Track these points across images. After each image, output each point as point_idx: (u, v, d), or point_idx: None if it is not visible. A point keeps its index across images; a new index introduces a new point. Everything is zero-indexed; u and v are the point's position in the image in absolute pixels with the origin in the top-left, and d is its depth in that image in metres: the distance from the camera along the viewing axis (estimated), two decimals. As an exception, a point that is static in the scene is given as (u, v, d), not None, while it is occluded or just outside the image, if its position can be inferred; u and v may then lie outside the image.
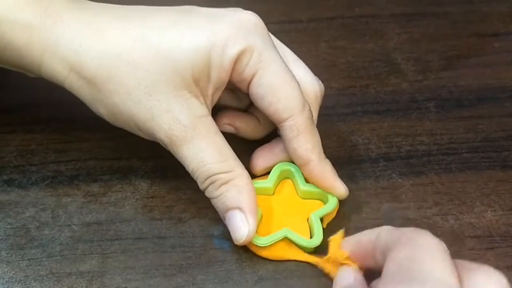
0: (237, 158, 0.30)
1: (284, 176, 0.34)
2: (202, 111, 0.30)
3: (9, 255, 0.31)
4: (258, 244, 0.30)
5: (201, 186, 0.30)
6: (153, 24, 0.29)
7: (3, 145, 0.36)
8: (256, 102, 0.31)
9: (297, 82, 0.31)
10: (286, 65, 0.31)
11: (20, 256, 0.31)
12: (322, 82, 0.41)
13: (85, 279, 0.30)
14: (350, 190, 0.34)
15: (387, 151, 0.36)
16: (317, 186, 0.32)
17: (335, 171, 0.32)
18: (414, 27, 0.45)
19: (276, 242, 0.30)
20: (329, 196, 0.32)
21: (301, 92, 0.31)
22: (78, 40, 0.29)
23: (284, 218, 0.32)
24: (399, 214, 0.33)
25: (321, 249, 0.30)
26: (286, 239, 0.31)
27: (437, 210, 0.33)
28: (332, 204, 0.32)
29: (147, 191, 0.34)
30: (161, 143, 0.30)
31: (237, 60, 0.29)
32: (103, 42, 0.29)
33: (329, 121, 0.38)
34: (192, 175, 0.30)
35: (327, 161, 0.32)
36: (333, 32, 0.45)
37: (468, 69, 0.42)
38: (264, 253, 0.31)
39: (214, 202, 0.30)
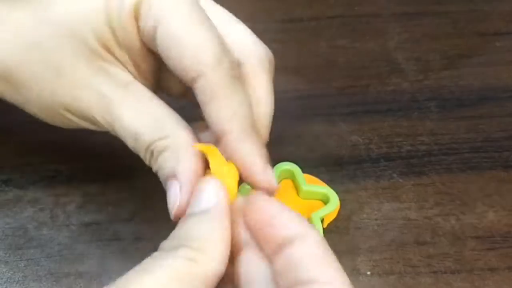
0: (179, 123, 0.25)
1: (285, 177, 0.34)
2: (124, 78, 0.26)
3: (7, 255, 0.31)
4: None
5: (145, 161, 0.26)
6: None
7: (1, 144, 0.36)
8: (165, 62, 0.25)
9: (214, 32, 0.24)
10: (202, 12, 0.25)
11: (19, 256, 0.31)
12: (323, 82, 0.41)
13: (83, 279, 0.30)
14: (350, 190, 0.34)
15: (388, 151, 0.36)
16: (239, 169, 0.24)
17: (264, 152, 0.24)
18: (415, 26, 0.45)
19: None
20: (330, 197, 0.32)
21: (220, 44, 0.24)
22: None
23: (284, 218, 0.32)
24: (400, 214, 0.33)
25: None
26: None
27: (438, 211, 0.33)
28: (333, 205, 0.32)
29: (145, 191, 0.34)
30: (103, 129, 0.27)
31: (135, 12, 0.25)
32: (3, 30, 0.26)
33: (330, 121, 0.38)
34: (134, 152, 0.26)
35: (255, 137, 0.24)
36: (333, 32, 0.44)
37: (469, 68, 0.42)
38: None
39: (158, 176, 0.26)
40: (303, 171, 0.33)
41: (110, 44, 0.25)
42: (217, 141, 0.24)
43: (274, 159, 0.34)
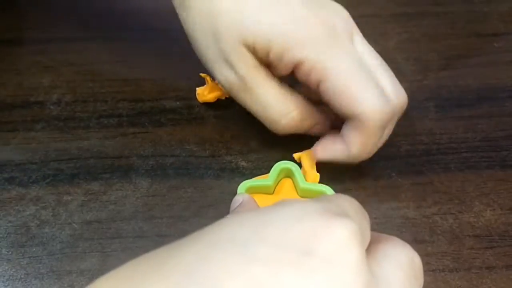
0: (300, 98, 0.31)
1: (284, 175, 0.34)
2: (257, 63, 0.30)
3: (10, 253, 0.31)
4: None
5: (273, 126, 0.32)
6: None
7: (4, 143, 0.36)
8: (324, 101, 0.31)
9: (370, 83, 0.29)
10: (359, 66, 0.30)
11: (21, 254, 0.31)
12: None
13: (85, 277, 0.30)
14: (349, 189, 0.34)
15: (387, 150, 0.36)
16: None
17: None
18: (414, 26, 0.45)
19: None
20: (329, 194, 0.32)
21: (380, 95, 0.29)
22: None
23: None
24: (398, 213, 0.33)
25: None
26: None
27: (437, 210, 0.33)
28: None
29: (147, 190, 0.34)
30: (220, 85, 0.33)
31: (295, 66, 0.30)
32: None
33: (329, 120, 0.38)
34: (257, 117, 0.32)
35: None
36: (333, 32, 0.45)
37: (468, 68, 0.42)
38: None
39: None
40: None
41: (261, 54, 0.30)
42: None
43: (274, 158, 0.35)
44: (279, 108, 0.31)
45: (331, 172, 0.35)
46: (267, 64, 0.31)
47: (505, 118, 0.39)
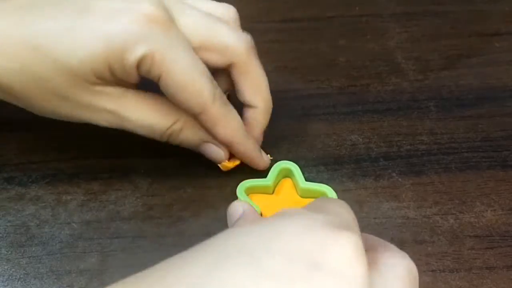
0: (177, 107, 0.31)
1: (284, 175, 0.34)
2: (119, 91, 0.30)
3: (9, 252, 0.31)
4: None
5: (161, 140, 0.32)
6: (48, 31, 0.28)
7: (4, 143, 0.36)
8: (169, 99, 0.30)
9: (206, 73, 0.30)
10: (193, 58, 0.29)
11: (20, 254, 0.31)
12: (323, 81, 0.41)
13: (85, 277, 0.30)
14: (350, 189, 0.34)
15: (388, 150, 0.36)
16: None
17: (256, 145, 0.33)
18: (415, 26, 0.45)
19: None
20: (329, 195, 0.32)
21: (211, 81, 0.30)
22: None
23: (284, 217, 0.32)
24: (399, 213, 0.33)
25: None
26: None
27: (437, 210, 0.33)
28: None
29: (147, 190, 0.34)
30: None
31: (138, 64, 0.28)
32: (4, 57, 0.28)
33: (330, 120, 0.38)
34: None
35: (250, 136, 0.33)
36: (333, 31, 0.45)
37: (468, 68, 0.42)
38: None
39: (183, 145, 0.33)
40: (303, 170, 0.33)
41: (108, 79, 0.29)
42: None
43: (274, 158, 0.35)
44: (161, 124, 0.31)
45: (331, 172, 0.35)
46: (130, 80, 0.29)
47: (506, 118, 0.39)
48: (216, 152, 0.33)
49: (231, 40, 0.31)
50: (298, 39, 0.44)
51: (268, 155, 0.34)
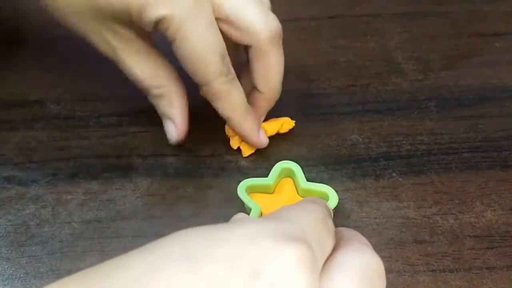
0: (172, 75, 0.33)
1: (285, 175, 0.34)
2: (129, 35, 0.32)
3: (9, 252, 0.31)
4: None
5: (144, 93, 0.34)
6: None
7: (4, 142, 0.36)
8: (179, 61, 0.32)
9: (218, 50, 0.31)
10: (211, 33, 0.31)
11: (20, 253, 0.31)
12: (323, 81, 0.41)
13: (85, 277, 0.30)
14: (350, 189, 0.34)
15: (388, 150, 0.36)
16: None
17: (254, 126, 0.34)
18: (415, 26, 0.45)
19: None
20: (330, 195, 0.32)
21: (221, 60, 0.31)
22: None
23: (284, 217, 0.32)
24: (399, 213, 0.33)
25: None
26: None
27: (437, 210, 0.33)
28: (332, 203, 0.32)
29: (147, 189, 0.34)
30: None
31: (156, 23, 0.30)
32: None
33: (330, 120, 0.38)
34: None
35: (250, 115, 0.34)
36: (334, 31, 0.45)
37: (469, 68, 0.42)
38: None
39: (155, 109, 0.35)
40: (303, 170, 0.33)
41: (128, 24, 0.31)
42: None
43: (274, 157, 0.35)
44: (145, 81, 0.33)
45: (331, 172, 0.35)
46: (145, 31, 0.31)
47: (506, 118, 0.39)
48: (170, 131, 0.35)
49: (257, 24, 0.32)
50: (299, 38, 0.44)
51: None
